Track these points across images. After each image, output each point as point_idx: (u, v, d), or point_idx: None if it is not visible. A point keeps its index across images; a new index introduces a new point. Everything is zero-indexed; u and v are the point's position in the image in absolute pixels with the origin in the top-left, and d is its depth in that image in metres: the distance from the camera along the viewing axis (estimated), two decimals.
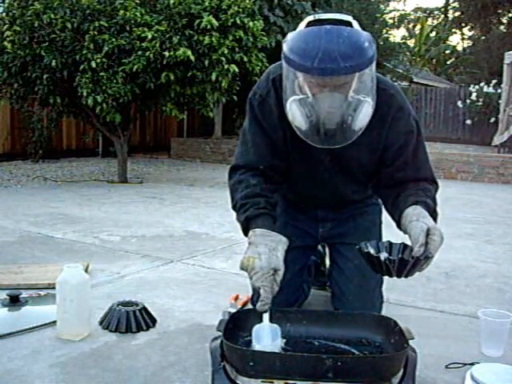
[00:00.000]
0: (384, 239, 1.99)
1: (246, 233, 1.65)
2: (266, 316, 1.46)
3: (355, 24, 1.48)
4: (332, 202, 1.92)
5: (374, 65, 1.46)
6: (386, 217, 1.82)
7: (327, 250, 2.10)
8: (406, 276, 1.47)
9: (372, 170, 1.78)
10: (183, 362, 1.62)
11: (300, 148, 1.68)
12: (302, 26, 1.49)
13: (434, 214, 1.58)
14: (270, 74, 1.70)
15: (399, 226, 1.59)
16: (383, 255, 1.47)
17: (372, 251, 1.50)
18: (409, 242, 1.50)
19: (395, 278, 1.48)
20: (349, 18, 1.48)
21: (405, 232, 1.54)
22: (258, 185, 1.66)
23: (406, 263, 1.43)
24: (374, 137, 1.66)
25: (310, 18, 1.49)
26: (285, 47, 1.46)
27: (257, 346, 1.44)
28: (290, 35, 1.49)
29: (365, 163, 1.76)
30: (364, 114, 1.47)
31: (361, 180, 1.86)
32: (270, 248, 1.51)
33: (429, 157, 1.77)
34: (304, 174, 1.81)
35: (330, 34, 1.39)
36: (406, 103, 1.69)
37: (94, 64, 4.82)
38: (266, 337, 1.44)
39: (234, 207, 1.71)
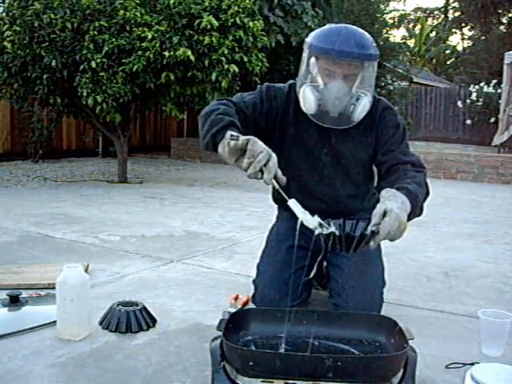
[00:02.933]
0: (383, 246, 2.04)
1: (214, 137, 1.60)
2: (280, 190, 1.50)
3: None
4: (331, 207, 1.96)
5: (376, 65, 1.78)
6: None
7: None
8: (355, 250, 1.55)
9: (366, 168, 1.97)
10: (183, 361, 1.62)
11: (301, 144, 1.90)
12: (324, 27, 1.80)
13: (415, 199, 1.63)
14: (290, 82, 1.96)
15: None
16: (318, 230, 1.51)
17: (311, 227, 1.53)
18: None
19: (346, 251, 1.56)
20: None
21: None
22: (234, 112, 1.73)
23: (352, 239, 1.52)
24: (367, 134, 1.90)
25: (330, 25, 1.82)
26: (307, 39, 1.79)
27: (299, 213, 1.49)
28: (313, 31, 1.82)
29: (360, 158, 1.93)
30: (363, 106, 1.77)
31: (356, 181, 1.97)
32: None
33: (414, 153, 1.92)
34: (304, 169, 1.94)
35: (348, 29, 1.72)
36: (391, 106, 1.95)
37: (93, 64, 4.82)
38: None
39: (206, 114, 1.68)
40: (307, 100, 1.77)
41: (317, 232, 1.51)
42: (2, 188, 5.28)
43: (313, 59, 1.77)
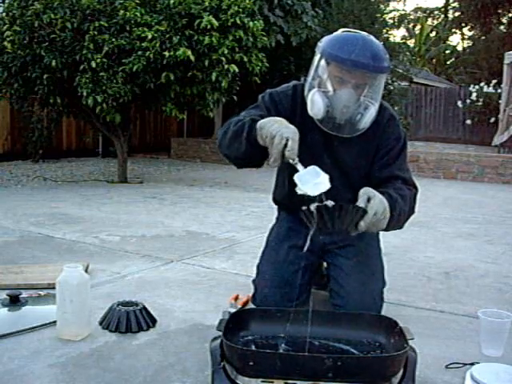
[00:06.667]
0: (383, 246, 2.07)
1: (248, 132, 1.68)
2: (299, 166, 1.57)
3: None
4: None
5: (385, 77, 1.81)
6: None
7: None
8: (346, 228, 1.58)
9: (366, 175, 1.95)
10: (183, 361, 1.62)
11: (304, 148, 1.86)
12: (338, 32, 1.81)
13: (394, 203, 1.68)
14: (293, 83, 1.97)
15: None
16: (313, 205, 1.54)
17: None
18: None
19: (337, 226, 1.57)
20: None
21: None
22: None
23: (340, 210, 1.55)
24: (369, 142, 1.90)
25: (344, 30, 1.83)
26: (321, 43, 1.78)
27: (306, 189, 1.53)
28: (327, 37, 1.80)
29: (360, 164, 1.94)
30: (369, 116, 1.77)
31: (356, 186, 1.95)
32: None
33: (409, 169, 1.98)
34: None
35: (365, 40, 1.72)
36: (396, 115, 1.97)
37: (93, 64, 4.82)
38: (311, 177, 1.55)
39: (224, 134, 1.79)
40: (316, 105, 1.76)
41: (312, 207, 1.53)
42: (1, 188, 5.28)
43: (324, 64, 1.76)
